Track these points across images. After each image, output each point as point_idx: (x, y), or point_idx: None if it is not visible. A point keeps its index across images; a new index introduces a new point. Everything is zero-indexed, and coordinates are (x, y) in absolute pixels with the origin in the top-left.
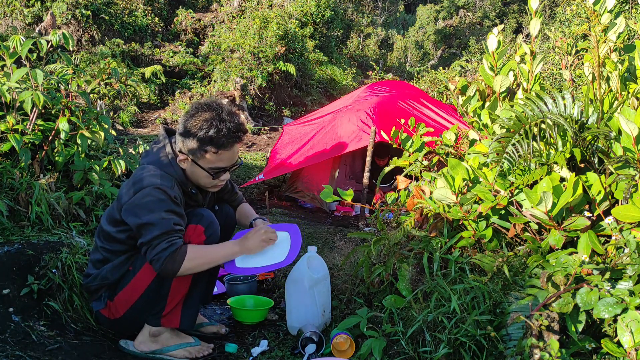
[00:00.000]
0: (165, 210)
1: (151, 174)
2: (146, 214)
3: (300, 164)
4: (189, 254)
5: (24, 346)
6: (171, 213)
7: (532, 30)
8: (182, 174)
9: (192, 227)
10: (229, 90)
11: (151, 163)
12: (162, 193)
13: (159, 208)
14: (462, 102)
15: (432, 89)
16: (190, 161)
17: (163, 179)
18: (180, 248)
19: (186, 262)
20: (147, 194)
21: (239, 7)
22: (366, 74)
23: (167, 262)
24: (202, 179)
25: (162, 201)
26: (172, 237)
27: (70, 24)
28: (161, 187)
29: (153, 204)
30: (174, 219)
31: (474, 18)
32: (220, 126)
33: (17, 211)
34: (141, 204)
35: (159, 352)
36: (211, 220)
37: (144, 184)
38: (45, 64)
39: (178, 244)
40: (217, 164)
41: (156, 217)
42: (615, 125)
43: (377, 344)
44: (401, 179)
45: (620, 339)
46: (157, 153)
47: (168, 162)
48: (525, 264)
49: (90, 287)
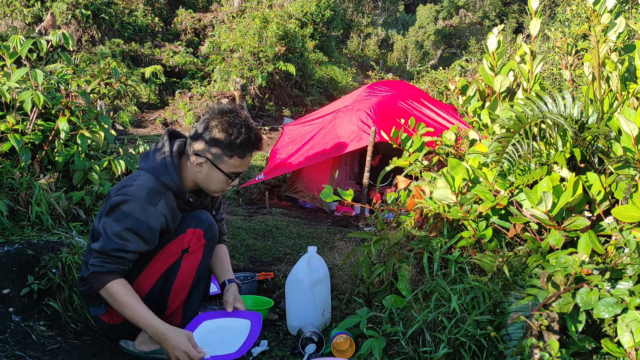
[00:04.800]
0: (127, 229)
1: (141, 184)
2: (111, 220)
3: (300, 164)
4: (110, 286)
5: (24, 346)
6: (131, 233)
7: (532, 30)
8: (180, 182)
9: (191, 232)
10: (229, 90)
11: (148, 169)
12: (137, 210)
13: (123, 222)
14: (462, 102)
15: (432, 89)
16: (209, 165)
17: (150, 194)
18: (105, 274)
19: (102, 291)
20: (125, 200)
21: (239, 7)
22: (366, 74)
23: (91, 278)
24: (216, 183)
25: (130, 217)
26: (106, 260)
27: (70, 24)
28: (141, 203)
29: (122, 215)
30: (122, 244)
31: (474, 18)
32: (249, 132)
33: (17, 211)
34: (115, 208)
35: (159, 352)
36: (210, 224)
37: (128, 192)
38: (45, 64)
39: (106, 268)
40: (238, 169)
41: (112, 232)
42: (615, 125)
43: (377, 344)
44: (401, 179)
45: (620, 339)
46: (155, 158)
47: (165, 169)
48: (525, 264)
49: (90, 294)
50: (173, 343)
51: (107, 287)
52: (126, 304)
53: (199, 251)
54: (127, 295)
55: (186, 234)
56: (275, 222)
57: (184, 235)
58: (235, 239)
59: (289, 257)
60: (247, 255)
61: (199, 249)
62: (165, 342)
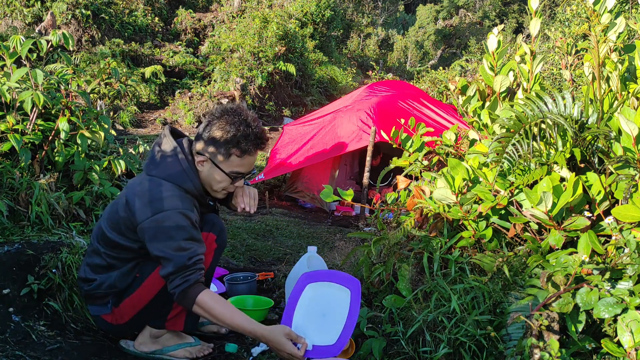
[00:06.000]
0: (185, 239)
1: (171, 194)
2: (165, 240)
3: (300, 163)
4: (201, 300)
5: (24, 346)
6: (190, 241)
7: (532, 30)
8: (200, 186)
9: (204, 235)
10: (229, 90)
11: (167, 178)
12: (183, 218)
13: (178, 236)
14: (462, 102)
15: (432, 89)
16: (210, 163)
17: (184, 201)
18: (193, 286)
19: (196, 307)
20: (167, 217)
21: (239, 7)
22: (366, 74)
23: (179, 299)
24: (217, 183)
25: (182, 228)
26: (187, 273)
27: (70, 24)
28: (183, 211)
29: (173, 231)
30: (190, 252)
31: (474, 18)
32: (247, 130)
33: (17, 211)
34: (161, 229)
35: (159, 353)
36: (221, 228)
37: (164, 206)
38: (45, 64)
39: (191, 280)
40: (238, 169)
41: (173, 248)
42: (615, 125)
43: (377, 344)
44: (401, 179)
45: (620, 339)
46: (170, 165)
47: (185, 175)
48: (525, 264)
49: (95, 294)
50: (276, 346)
51: (198, 301)
52: (221, 315)
53: (210, 255)
54: (220, 306)
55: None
56: (275, 222)
57: None
58: (235, 239)
59: (289, 257)
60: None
61: (210, 253)
62: (269, 345)
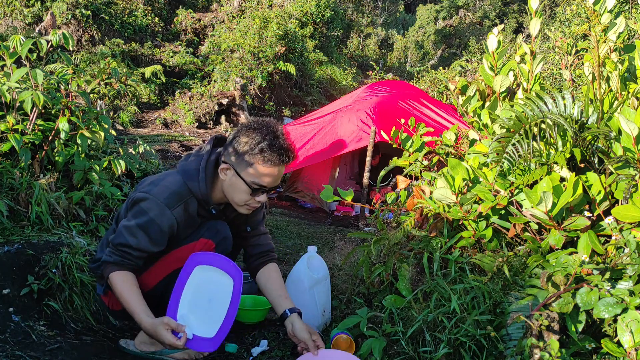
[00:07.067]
0: (139, 225)
1: (168, 184)
2: (129, 214)
3: (300, 163)
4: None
5: (24, 346)
6: (141, 231)
7: (532, 30)
8: (206, 191)
9: (203, 241)
10: (229, 90)
11: (180, 172)
12: (155, 209)
13: (138, 219)
14: (462, 102)
15: (432, 89)
16: (232, 171)
17: (171, 197)
18: (110, 266)
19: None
20: (145, 198)
21: (239, 7)
22: (366, 74)
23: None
24: (239, 194)
25: (145, 215)
26: (115, 252)
27: (70, 24)
28: (160, 204)
29: (139, 212)
30: (130, 240)
31: (474, 18)
32: (274, 141)
33: (17, 211)
34: (135, 201)
35: (159, 353)
36: (224, 237)
37: (152, 190)
38: (45, 64)
39: (111, 260)
40: (260, 180)
41: (125, 225)
42: (615, 125)
43: (377, 344)
44: (401, 179)
45: (620, 339)
46: (191, 162)
47: (196, 175)
48: (525, 264)
49: (97, 272)
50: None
51: (110, 276)
52: (122, 296)
53: None
54: (123, 287)
55: (198, 243)
56: (275, 222)
57: (195, 244)
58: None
59: (289, 257)
60: None
61: None
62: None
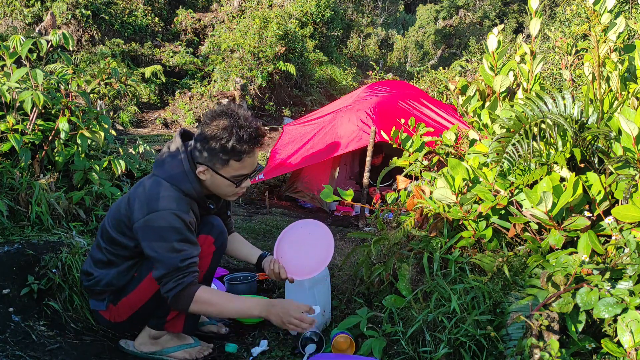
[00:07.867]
0: (178, 240)
1: (167, 194)
2: (157, 240)
3: (300, 163)
4: (199, 297)
5: (24, 346)
6: (183, 243)
7: (532, 30)
8: (200, 190)
9: (202, 237)
10: (229, 90)
11: (167, 179)
12: (177, 220)
13: (171, 237)
14: (462, 102)
15: (432, 89)
16: (210, 172)
17: (179, 203)
18: (187, 288)
19: (193, 305)
20: (160, 217)
21: (239, 7)
22: (366, 74)
23: (173, 302)
24: (224, 188)
25: (175, 230)
26: (180, 276)
27: (70, 24)
28: (177, 213)
29: (166, 232)
30: (183, 253)
31: (474, 18)
32: (241, 133)
33: (17, 211)
34: (154, 228)
35: (159, 354)
36: (221, 230)
37: (159, 207)
38: (45, 64)
39: (184, 283)
40: (240, 172)
41: (166, 249)
42: (615, 125)
43: (377, 344)
44: (401, 179)
45: (620, 339)
46: (172, 166)
47: (185, 177)
48: (525, 264)
49: (94, 290)
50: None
51: (196, 299)
52: (221, 308)
53: (208, 257)
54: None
55: (197, 239)
56: (275, 222)
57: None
58: None
59: None
60: None
61: (208, 255)
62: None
